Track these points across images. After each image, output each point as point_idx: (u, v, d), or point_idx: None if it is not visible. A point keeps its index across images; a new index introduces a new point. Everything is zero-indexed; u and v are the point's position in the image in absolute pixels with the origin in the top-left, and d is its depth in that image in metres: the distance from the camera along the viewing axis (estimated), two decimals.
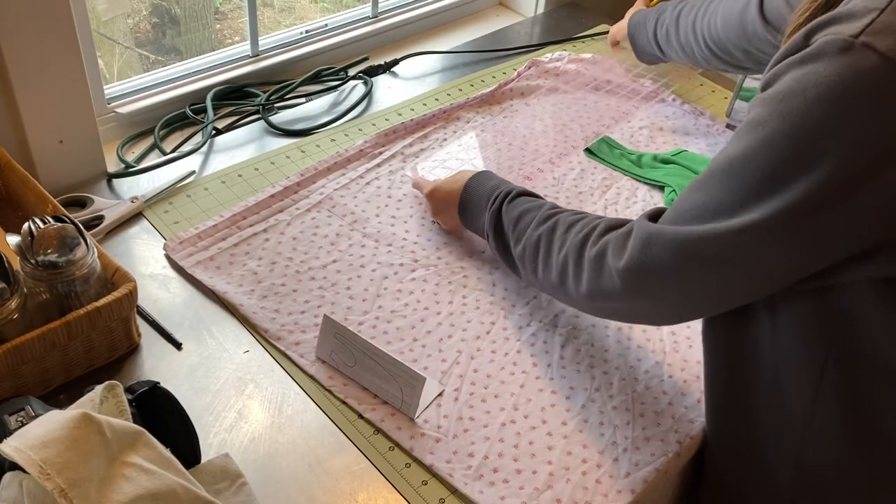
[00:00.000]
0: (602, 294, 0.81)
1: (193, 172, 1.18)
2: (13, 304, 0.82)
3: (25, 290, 0.84)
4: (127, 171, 1.19)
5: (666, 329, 1.03)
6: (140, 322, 0.96)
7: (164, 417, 0.77)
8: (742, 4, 1.16)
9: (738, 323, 0.82)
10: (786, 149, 0.65)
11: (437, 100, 1.40)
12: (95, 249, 0.88)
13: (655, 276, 0.75)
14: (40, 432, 0.65)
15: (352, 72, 1.47)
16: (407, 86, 1.45)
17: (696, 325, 1.02)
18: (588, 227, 0.85)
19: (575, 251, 0.84)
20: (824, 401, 0.77)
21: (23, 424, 0.69)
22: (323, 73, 1.45)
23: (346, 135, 1.30)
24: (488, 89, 1.42)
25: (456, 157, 1.26)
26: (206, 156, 1.24)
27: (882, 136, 0.61)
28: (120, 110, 1.28)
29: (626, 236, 0.79)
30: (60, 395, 0.87)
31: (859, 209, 0.64)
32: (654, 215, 0.78)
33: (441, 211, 1.10)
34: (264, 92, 1.39)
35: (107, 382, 0.73)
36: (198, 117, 1.32)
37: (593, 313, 0.92)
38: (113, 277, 0.90)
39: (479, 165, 1.25)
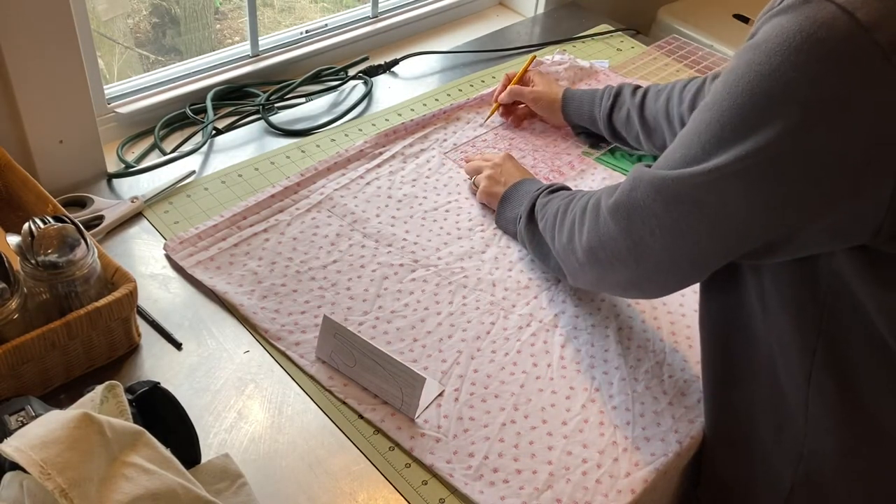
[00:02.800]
0: (599, 241, 0.84)
1: (193, 172, 1.18)
2: (13, 304, 0.82)
3: (25, 290, 0.84)
4: (127, 171, 1.19)
5: (666, 329, 1.03)
6: (140, 322, 0.96)
7: (164, 417, 0.77)
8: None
9: (731, 308, 0.83)
10: (747, 96, 0.67)
11: (437, 100, 1.40)
12: (95, 249, 0.88)
13: (637, 213, 0.78)
14: (41, 432, 0.65)
15: (352, 72, 1.47)
16: (407, 86, 1.45)
17: (696, 325, 1.02)
18: (598, 194, 0.89)
19: (582, 206, 0.90)
20: (818, 386, 0.78)
21: (23, 424, 0.69)
22: (323, 73, 1.45)
23: (346, 135, 1.30)
24: (488, 89, 1.42)
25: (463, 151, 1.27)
26: (206, 156, 1.24)
27: (837, 86, 0.62)
28: (120, 110, 1.28)
29: (621, 183, 0.83)
30: (60, 395, 0.87)
31: (819, 161, 0.65)
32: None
33: (492, 183, 1.15)
34: (264, 92, 1.39)
35: (107, 382, 0.73)
36: (198, 117, 1.32)
37: (596, 280, 0.91)
38: (113, 277, 0.90)
39: None
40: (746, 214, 0.71)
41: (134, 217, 1.11)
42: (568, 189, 1.04)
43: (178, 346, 0.95)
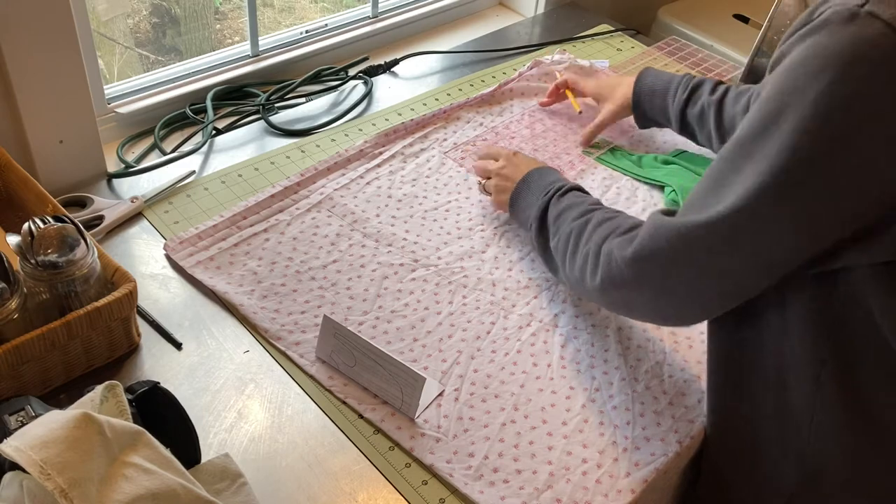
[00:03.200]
0: (613, 284, 0.83)
1: (193, 172, 1.18)
2: (13, 304, 0.82)
3: (25, 290, 0.84)
4: (127, 171, 1.19)
5: (666, 329, 1.02)
6: (140, 322, 0.96)
7: (164, 417, 0.77)
8: None
9: (742, 314, 0.82)
10: (793, 123, 0.64)
11: (437, 100, 1.40)
12: (95, 249, 0.88)
13: (660, 264, 0.76)
14: (41, 432, 0.65)
15: (352, 72, 1.47)
16: (407, 86, 1.45)
17: (696, 325, 1.02)
18: (614, 225, 0.86)
19: (596, 246, 0.86)
20: (826, 394, 0.78)
21: (23, 424, 0.69)
22: (323, 73, 1.45)
23: (346, 135, 1.30)
24: (488, 89, 1.42)
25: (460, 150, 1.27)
26: (206, 156, 1.24)
27: (884, 103, 0.61)
28: (120, 110, 1.28)
29: (639, 228, 0.81)
30: (60, 395, 0.87)
31: (864, 180, 0.64)
32: (670, 212, 0.79)
33: (500, 191, 1.10)
34: (264, 92, 1.39)
35: (107, 382, 0.73)
36: (198, 117, 1.32)
37: (611, 308, 0.92)
38: (113, 277, 0.90)
39: None
40: (790, 245, 0.69)
41: (134, 217, 1.11)
42: (578, 191, 1.00)
43: (178, 346, 0.95)
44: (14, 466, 0.65)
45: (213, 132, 1.29)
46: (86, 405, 0.71)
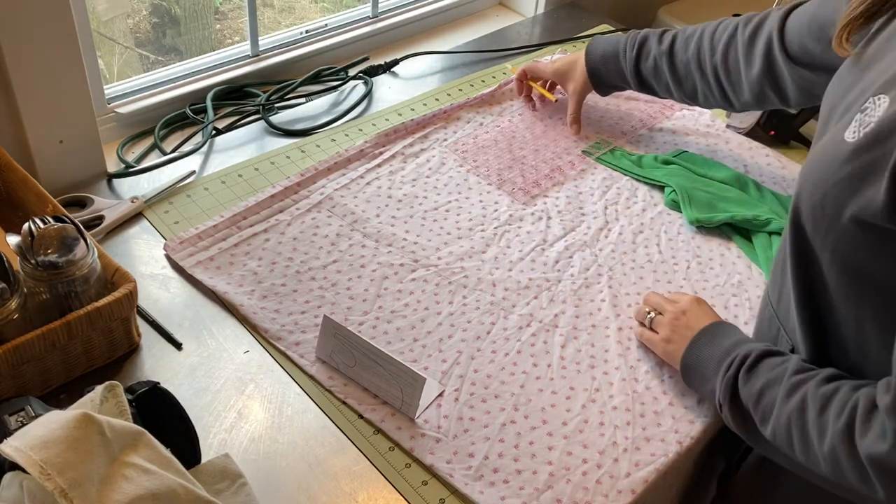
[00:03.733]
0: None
1: (193, 172, 1.18)
2: (13, 304, 0.82)
3: (25, 290, 0.84)
4: (127, 171, 1.19)
5: None
6: (140, 322, 0.96)
7: (164, 417, 0.77)
8: (761, 48, 1.06)
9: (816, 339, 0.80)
10: None
11: (437, 100, 1.40)
12: (95, 249, 0.88)
13: None
14: (41, 432, 0.65)
15: (352, 72, 1.47)
16: (407, 86, 1.45)
17: None
18: (847, 411, 0.72)
19: (844, 447, 0.71)
20: None
21: (23, 424, 0.69)
22: (323, 73, 1.45)
23: (346, 135, 1.30)
24: (488, 89, 1.42)
25: (462, 149, 1.27)
26: (206, 156, 1.24)
27: None
28: (120, 110, 1.28)
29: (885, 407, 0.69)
30: (60, 395, 0.87)
31: None
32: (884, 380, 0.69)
33: (668, 341, 0.95)
34: (264, 92, 1.39)
35: (107, 382, 0.73)
36: (198, 117, 1.32)
37: None
38: (113, 277, 0.90)
39: (481, 165, 1.26)
40: None
41: (134, 217, 1.11)
42: (766, 356, 0.83)
43: (178, 346, 0.95)
44: (14, 466, 0.65)
45: (213, 132, 1.29)
46: (86, 405, 0.71)
